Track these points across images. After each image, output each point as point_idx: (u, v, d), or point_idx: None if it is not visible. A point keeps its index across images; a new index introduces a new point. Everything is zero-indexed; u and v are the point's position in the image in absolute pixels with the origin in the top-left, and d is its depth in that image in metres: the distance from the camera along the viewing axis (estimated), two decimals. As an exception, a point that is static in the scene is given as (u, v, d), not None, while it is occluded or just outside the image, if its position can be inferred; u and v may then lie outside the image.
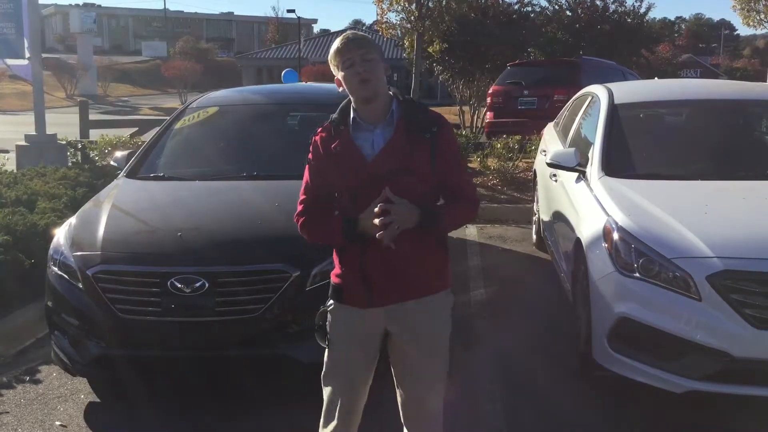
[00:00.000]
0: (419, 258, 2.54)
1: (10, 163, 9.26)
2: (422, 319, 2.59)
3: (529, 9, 21.99)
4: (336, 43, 2.54)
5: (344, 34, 2.59)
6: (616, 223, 4.09)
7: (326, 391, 2.69)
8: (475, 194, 2.68)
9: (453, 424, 3.72)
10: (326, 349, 2.67)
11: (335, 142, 2.55)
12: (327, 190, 2.60)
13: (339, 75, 2.54)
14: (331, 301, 2.65)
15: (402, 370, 2.67)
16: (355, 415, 2.71)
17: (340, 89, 2.57)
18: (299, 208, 2.65)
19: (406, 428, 2.76)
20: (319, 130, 2.63)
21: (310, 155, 2.63)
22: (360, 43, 2.51)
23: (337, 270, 2.64)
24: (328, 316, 2.66)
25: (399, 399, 2.73)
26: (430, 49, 18.22)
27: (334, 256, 2.65)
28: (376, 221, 2.39)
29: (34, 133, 10.49)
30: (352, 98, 2.57)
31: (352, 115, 2.57)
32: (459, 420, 3.84)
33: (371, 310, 2.57)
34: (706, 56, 64.52)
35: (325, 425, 2.70)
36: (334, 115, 2.61)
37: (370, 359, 2.66)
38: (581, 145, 5.54)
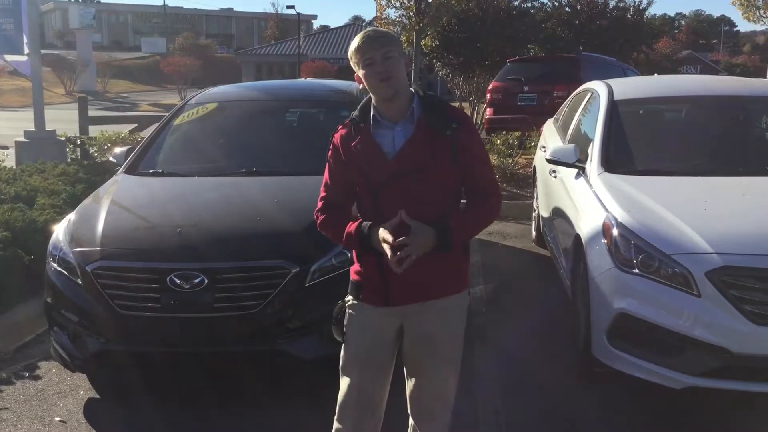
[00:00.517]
0: (439, 260, 2.52)
1: (9, 160, 9.27)
2: (440, 320, 2.59)
3: (529, 5, 21.98)
4: (356, 40, 2.51)
5: (365, 31, 2.56)
6: (616, 220, 4.09)
7: (343, 384, 2.67)
8: (498, 192, 2.64)
9: (452, 419, 3.73)
10: (343, 344, 2.66)
11: (355, 140, 2.54)
12: (347, 188, 2.59)
13: (359, 72, 2.51)
14: (350, 297, 2.65)
15: (415, 367, 2.66)
16: (374, 412, 2.69)
17: (360, 86, 2.55)
18: (319, 205, 2.66)
19: (413, 419, 2.75)
20: (339, 128, 2.61)
21: (329, 153, 2.62)
22: (382, 41, 2.48)
23: (356, 267, 2.63)
24: (346, 311, 2.65)
25: (408, 391, 2.72)
26: (422, 44, 18.18)
27: (354, 253, 2.64)
28: (388, 250, 2.39)
29: (34, 130, 10.48)
30: (372, 96, 2.55)
31: (372, 113, 2.55)
32: (458, 416, 3.84)
33: (388, 309, 2.56)
34: (706, 52, 64.50)
35: (341, 418, 2.68)
36: (355, 113, 2.59)
37: (387, 356, 2.65)
38: (581, 142, 5.53)
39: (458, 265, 2.63)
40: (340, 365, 2.68)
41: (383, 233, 2.41)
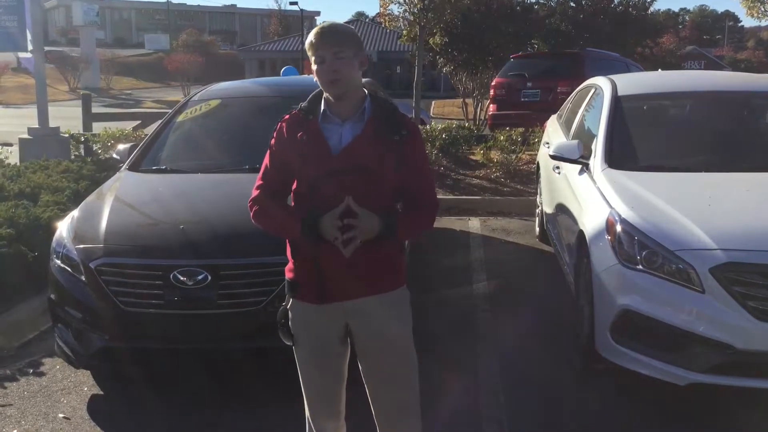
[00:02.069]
0: (374, 254, 2.49)
1: (13, 157, 9.29)
2: (381, 316, 2.56)
3: (533, 0, 21.94)
4: (311, 35, 2.49)
5: (321, 25, 2.54)
6: (619, 216, 4.08)
7: (303, 385, 2.71)
8: (435, 198, 2.63)
9: (453, 415, 3.73)
10: (293, 347, 2.66)
11: (302, 131, 2.51)
12: (286, 177, 2.54)
13: (312, 67, 2.50)
14: (290, 298, 2.63)
15: (369, 367, 2.64)
16: (334, 405, 2.71)
17: (315, 79, 2.52)
18: (254, 193, 2.60)
19: (380, 428, 2.73)
20: (286, 117, 2.60)
21: (272, 141, 2.59)
22: (334, 39, 2.44)
23: (290, 265, 2.60)
24: (289, 313, 2.63)
25: (371, 401, 2.70)
26: (431, 41, 18.17)
27: (288, 249, 2.60)
28: (335, 233, 2.36)
29: (37, 127, 10.51)
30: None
31: (323, 107, 2.54)
32: (459, 411, 3.84)
33: (328, 306, 2.54)
34: (710, 48, 64.40)
35: (309, 408, 2.73)
36: (304, 104, 2.58)
37: (338, 351, 2.63)
38: (584, 138, 5.52)
39: (393, 261, 2.59)
40: (298, 366, 2.69)
41: (327, 218, 2.37)
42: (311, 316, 2.58)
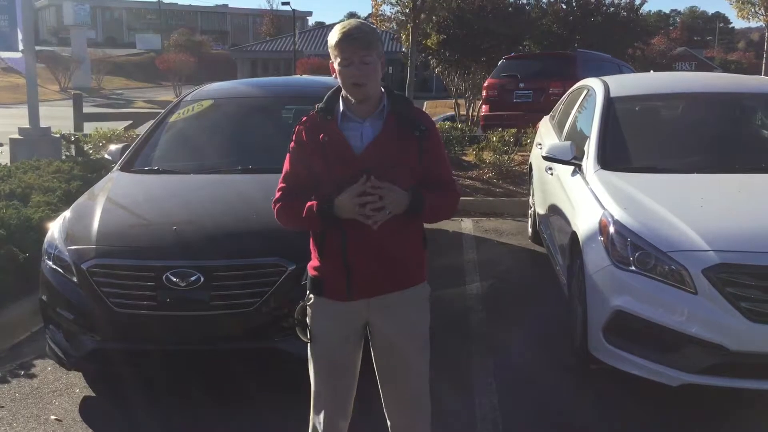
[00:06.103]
0: (402, 249, 2.53)
1: (3, 157, 9.25)
2: (406, 310, 2.59)
3: (524, 1, 21.99)
4: (338, 33, 2.44)
5: (349, 23, 2.48)
6: (612, 217, 4.09)
7: (313, 383, 2.69)
8: (457, 190, 2.68)
9: (448, 416, 3.73)
10: (308, 344, 2.65)
11: (322, 132, 2.51)
12: (309, 180, 2.54)
13: (335, 65, 2.49)
14: (311, 295, 2.63)
15: (388, 362, 2.65)
16: (346, 405, 2.70)
17: (334, 75, 2.53)
18: (277, 194, 2.61)
19: (392, 423, 2.74)
20: (304, 119, 2.60)
21: (292, 144, 2.59)
22: (363, 42, 2.43)
23: (315, 262, 2.61)
24: (308, 310, 2.63)
25: (383, 393, 2.71)
26: (427, 42, 18.18)
27: (312, 247, 2.61)
28: (357, 200, 2.35)
29: (28, 127, 10.45)
30: (343, 90, 2.54)
31: (341, 108, 2.54)
32: (454, 412, 3.84)
33: (353, 303, 2.55)
34: (701, 49, 64.59)
35: (316, 415, 2.70)
36: (321, 105, 2.58)
37: (354, 349, 2.64)
38: (577, 139, 5.54)
39: (420, 254, 2.63)
40: (310, 364, 2.68)
41: (344, 195, 2.38)
42: (334, 314, 2.58)
